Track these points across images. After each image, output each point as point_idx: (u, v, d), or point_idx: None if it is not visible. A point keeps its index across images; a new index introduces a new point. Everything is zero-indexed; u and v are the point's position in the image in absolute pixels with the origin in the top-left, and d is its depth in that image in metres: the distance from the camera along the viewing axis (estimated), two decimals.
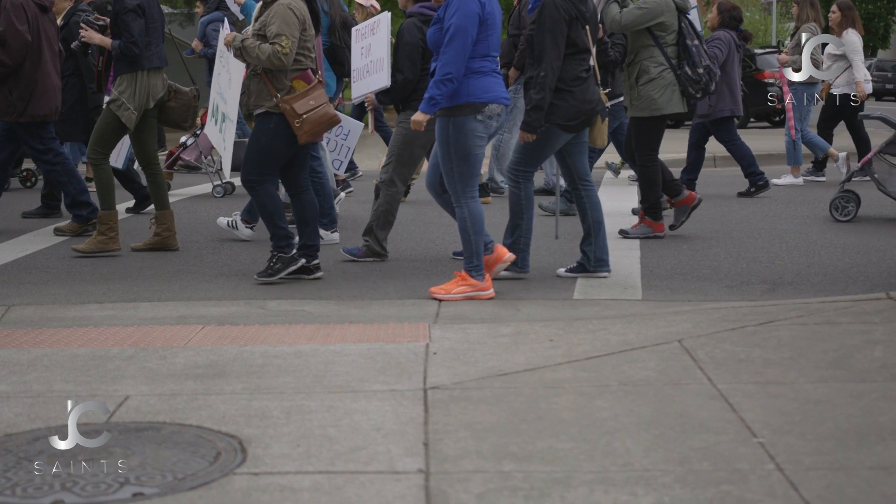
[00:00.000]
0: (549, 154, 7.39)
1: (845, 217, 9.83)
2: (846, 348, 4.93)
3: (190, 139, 12.05)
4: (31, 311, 6.48)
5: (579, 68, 7.14)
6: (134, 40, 8.15)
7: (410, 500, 3.37)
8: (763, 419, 4.03)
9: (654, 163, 8.92)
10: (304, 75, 7.12)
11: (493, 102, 6.56)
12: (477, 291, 6.67)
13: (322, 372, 4.84)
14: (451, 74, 6.40)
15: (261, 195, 7.24)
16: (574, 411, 4.19)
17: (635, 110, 8.74)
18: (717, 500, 3.30)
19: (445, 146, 6.60)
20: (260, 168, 7.19)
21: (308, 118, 7.03)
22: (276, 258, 7.25)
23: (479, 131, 6.58)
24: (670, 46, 8.64)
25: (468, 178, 6.64)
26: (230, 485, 3.50)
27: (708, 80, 8.68)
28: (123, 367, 4.96)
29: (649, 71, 8.60)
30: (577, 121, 7.14)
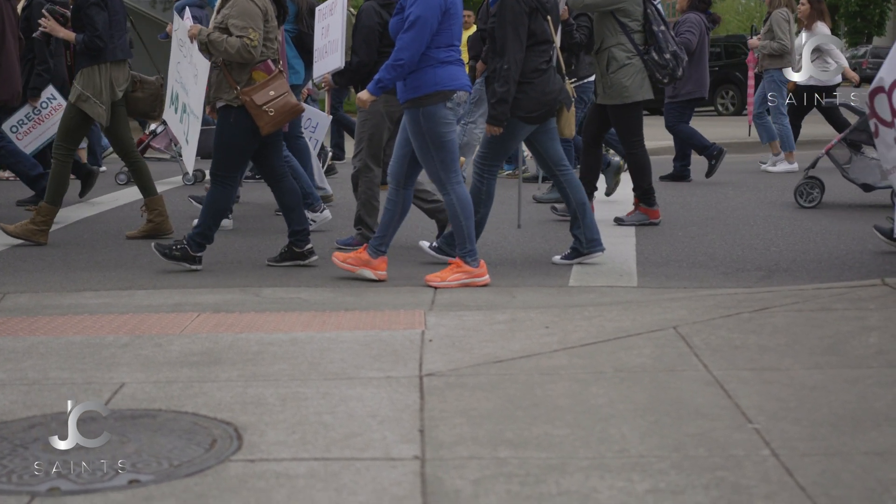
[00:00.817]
0: (514, 147, 7.39)
1: (810, 203, 9.91)
2: (841, 334, 4.93)
3: (160, 127, 12.04)
4: (26, 299, 6.47)
5: (539, 60, 7.16)
6: (98, 34, 8.10)
7: (406, 486, 3.37)
8: (758, 405, 4.03)
9: (640, 148, 8.90)
10: (264, 66, 7.07)
11: (459, 90, 6.62)
12: (472, 278, 6.68)
13: (317, 359, 4.84)
14: (403, 61, 6.42)
15: (219, 192, 7.22)
16: (569, 398, 4.19)
17: (607, 98, 8.70)
18: (712, 486, 3.31)
19: (420, 137, 6.59)
20: (226, 163, 7.18)
21: (270, 107, 6.99)
22: (182, 248, 7.25)
23: (449, 118, 6.62)
24: (637, 33, 8.64)
25: (449, 163, 6.65)
26: (226, 472, 3.50)
27: (675, 66, 8.68)
28: (119, 355, 4.96)
29: (618, 58, 8.59)
30: (539, 112, 7.15)
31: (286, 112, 7.10)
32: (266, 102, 6.98)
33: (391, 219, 6.85)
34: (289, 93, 7.13)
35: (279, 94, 7.04)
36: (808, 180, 10.04)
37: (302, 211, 7.50)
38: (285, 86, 7.12)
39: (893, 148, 7.05)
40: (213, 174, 7.30)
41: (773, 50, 12.39)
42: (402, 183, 6.83)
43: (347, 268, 6.90)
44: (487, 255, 7.31)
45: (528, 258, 7.63)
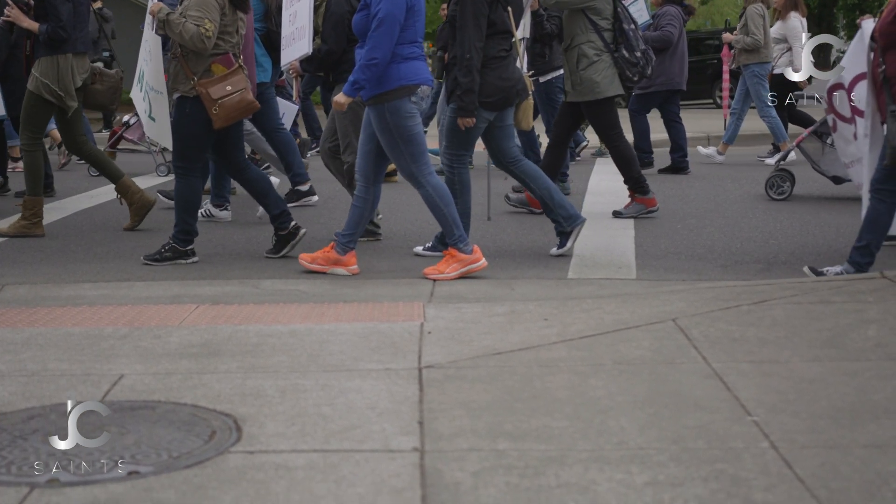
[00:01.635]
0: (476, 134, 7.36)
1: (780, 196, 9.95)
2: (840, 327, 4.93)
3: (133, 118, 12.03)
4: (24, 291, 6.47)
5: (498, 48, 7.20)
6: (62, 24, 8.04)
7: (405, 478, 3.37)
8: (757, 398, 4.04)
9: (621, 140, 8.92)
10: (224, 59, 7.04)
11: (423, 84, 6.64)
12: (469, 265, 6.69)
13: (317, 351, 4.84)
14: (376, 60, 6.42)
15: (184, 185, 7.22)
16: (569, 390, 4.19)
17: (578, 95, 8.71)
18: (711, 479, 3.31)
19: (388, 133, 6.59)
20: (185, 155, 7.18)
21: (223, 103, 6.95)
22: (170, 247, 7.24)
23: (413, 111, 6.62)
24: (607, 31, 8.67)
25: (419, 156, 6.65)
26: (225, 463, 3.50)
27: (645, 64, 8.72)
28: (118, 346, 4.96)
29: (588, 55, 8.60)
30: (496, 97, 7.17)
31: (241, 108, 7.05)
32: (222, 97, 6.95)
33: (361, 216, 6.85)
34: (246, 89, 7.06)
35: (236, 89, 7.00)
36: (778, 173, 10.10)
37: (275, 194, 7.49)
38: (243, 82, 7.06)
39: (852, 143, 7.11)
40: (174, 167, 7.31)
41: (747, 45, 12.44)
42: (372, 179, 6.83)
43: (317, 269, 6.86)
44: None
45: (526, 250, 7.64)
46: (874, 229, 6.16)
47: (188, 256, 7.24)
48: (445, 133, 7.38)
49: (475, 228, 7.63)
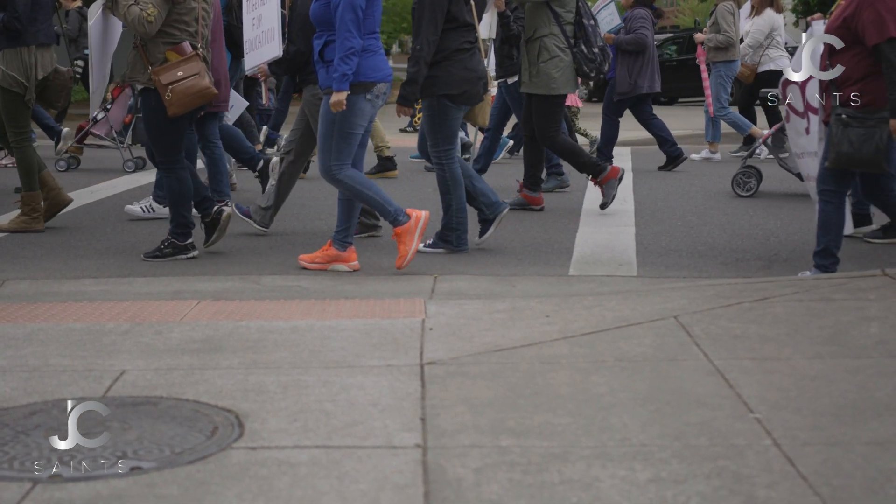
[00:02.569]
0: (455, 127, 7.38)
1: (746, 192, 9.99)
2: (841, 325, 4.93)
3: (101, 114, 12.03)
4: (25, 286, 6.47)
5: (461, 40, 7.23)
6: (17, 15, 7.95)
7: (408, 474, 3.37)
8: (759, 395, 4.04)
9: (557, 136, 8.94)
10: (179, 48, 7.00)
11: (380, 82, 6.61)
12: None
13: (318, 347, 4.84)
14: (353, 48, 6.40)
15: (172, 179, 7.21)
16: (571, 387, 4.19)
17: (533, 87, 8.76)
18: (713, 475, 3.31)
19: (329, 123, 6.58)
20: (163, 148, 7.17)
21: (174, 89, 6.89)
22: (169, 243, 7.23)
23: (367, 111, 6.60)
24: (568, 24, 8.73)
25: (344, 155, 6.64)
26: (228, 459, 3.50)
27: (602, 61, 8.79)
28: (119, 342, 4.96)
29: (550, 49, 8.66)
30: (462, 90, 7.19)
31: (192, 94, 6.94)
32: (172, 82, 6.88)
33: (349, 208, 6.86)
34: (199, 75, 6.96)
35: (188, 75, 6.92)
36: (745, 169, 10.14)
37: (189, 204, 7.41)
38: (198, 68, 6.98)
39: (803, 136, 7.16)
40: (158, 164, 7.29)
41: (720, 42, 12.46)
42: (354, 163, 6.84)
43: (317, 268, 6.86)
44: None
45: (526, 247, 7.64)
46: (828, 230, 6.18)
47: (188, 251, 7.23)
48: (427, 133, 7.41)
49: (472, 227, 7.62)
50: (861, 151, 5.89)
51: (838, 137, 5.94)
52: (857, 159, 5.94)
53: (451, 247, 7.36)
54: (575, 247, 7.65)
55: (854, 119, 5.90)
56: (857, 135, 5.88)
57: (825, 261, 6.18)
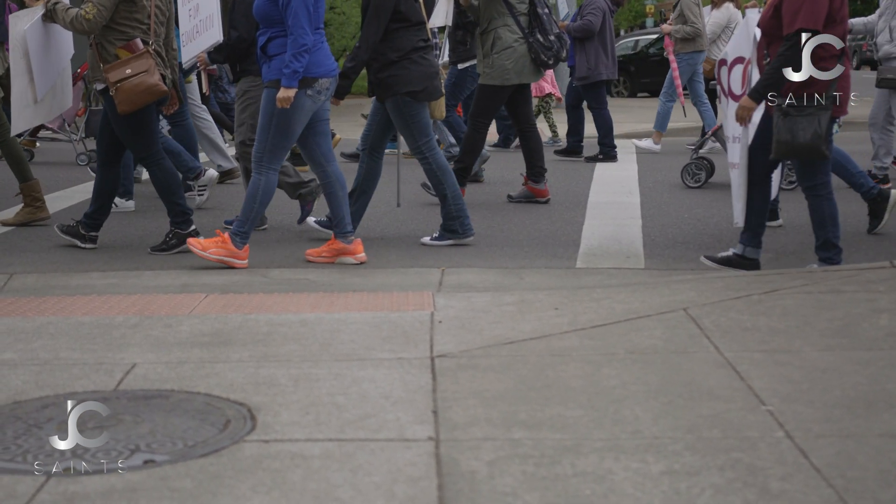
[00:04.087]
0: (426, 120, 7.39)
1: (696, 184, 10.02)
2: (851, 317, 4.93)
3: None
4: (33, 280, 6.47)
5: (416, 38, 7.27)
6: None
7: (421, 467, 3.37)
8: (771, 387, 4.03)
9: (484, 129, 9.06)
10: (129, 45, 6.99)
11: (323, 77, 6.60)
12: (231, 258, 6.69)
13: (328, 340, 4.84)
14: (306, 45, 6.41)
15: (156, 172, 7.22)
16: (582, 379, 4.19)
17: (487, 78, 8.86)
18: (727, 467, 3.31)
19: (268, 116, 6.57)
20: (138, 146, 7.18)
21: (122, 86, 6.88)
22: (173, 234, 7.24)
23: (307, 106, 6.59)
24: (522, 15, 8.80)
25: (279, 150, 6.64)
26: (241, 452, 3.51)
27: (559, 48, 8.90)
28: (129, 335, 4.96)
29: (504, 38, 8.73)
30: (424, 86, 7.24)
31: (141, 92, 6.92)
32: (120, 80, 6.88)
33: (336, 200, 6.86)
34: (148, 72, 6.93)
35: (136, 72, 6.91)
36: (695, 161, 10.15)
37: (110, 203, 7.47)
38: (147, 65, 6.95)
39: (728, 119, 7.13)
40: (140, 161, 7.28)
41: (688, 34, 12.50)
42: (324, 162, 6.87)
43: (325, 261, 6.86)
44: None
45: (532, 240, 7.64)
46: (822, 224, 6.19)
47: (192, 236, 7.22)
48: (401, 132, 7.43)
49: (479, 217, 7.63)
50: (799, 140, 5.89)
51: (778, 127, 5.96)
52: (797, 148, 5.94)
53: (458, 236, 7.37)
54: (582, 239, 7.65)
55: (793, 108, 5.91)
56: (796, 123, 5.89)
57: (828, 253, 6.18)
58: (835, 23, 5.93)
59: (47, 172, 11.17)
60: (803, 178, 6.23)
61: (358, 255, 6.86)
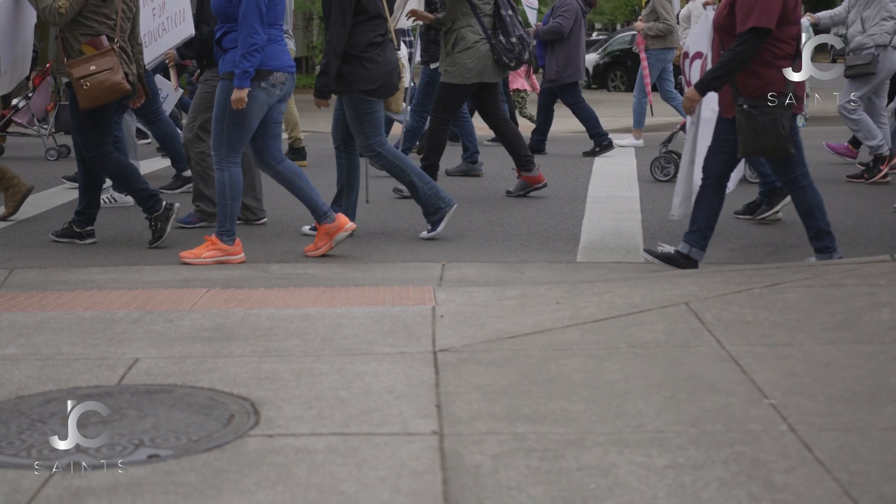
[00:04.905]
0: (379, 118, 7.40)
1: (664, 177, 10.05)
2: (853, 310, 4.94)
3: (22, 101, 12.01)
4: (33, 275, 6.47)
5: (373, 34, 7.25)
6: None
7: (426, 461, 3.38)
8: (773, 381, 4.04)
9: (446, 126, 9.13)
10: (95, 41, 7.00)
11: (278, 71, 6.61)
12: (226, 256, 6.71)
13: (330, 335, 4.84)
14: (256, 45, 6.42)
15: (110, 165, 7.23)
16: (584, 373, 4.20)
17: (448, 76, 8.93)
18: (731, 461, 3.32)
19: (222, 108, 6.59)
20: (92, 140, 7.17)
21: (85, 83, 6.89)
22: (153, 219, 7.24)
23: (261, 99, 6.59)
24: (486, 16, 8.85)
25: (236, 143, 6.65)
26: (245, 447, 3.51)
27: (521, 50, 8.92)
28: (130, 330, 4.96)
29: (466, 38, 8.79)
30: (380, 84, 7.25)
31: (104, 89, 6.94)
32: (83, 76, 6.89)
33: (302, 190, 6.85)
34: (112, 70, 6.95)
35: (100, 69, 6.92)
36: (664, 155, 10.18)
37: (98, 196, 7.48)
38: (111, 63, 6.97)
39: None
40: (89, 159, 7.24)
41: (660, 30, 12.56)
42: (278, 158, 6.87)
43: (325, 250, 6.85)
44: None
45: (532, 235, 7.64)
46: (810, 215, 6.22)
47: (171, 212, 7.24)
48: (353, 129, 7.40)
49: (467, 212, 7.62)
50: (763, 138, 5.91)
51: (742, 128, 5.97)
52: (762, 146, 5.96)
53: (444, 211, 7.36)
54: (582, 233, 7.65)
55: (754, 108, 5.92)
56: (759, 123, 5.91)
57: (822, 242, 6.20)
58: (789, 23, 5.94)
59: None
60: (781, 174, 6.26)
61: (346, 225, 6.87)
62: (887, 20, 9.52)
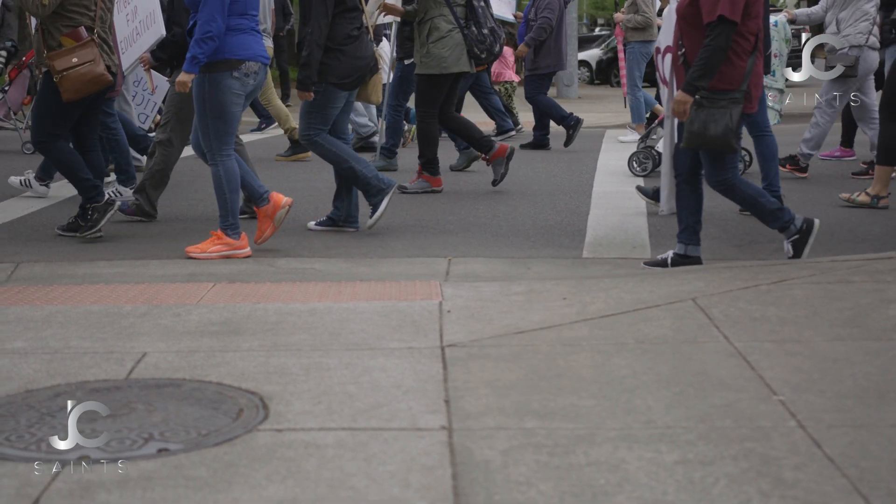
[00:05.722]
0: (333, 113, 7.44)
1: (643, 172, 10.06)
2: (860, 307, 4.93)
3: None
4: (40, 268, 6.47)
5: (350, 27, 7.27)
6: None
7: (435, 456, 3.38)
8: (782, 377, 4.04)
9: (433, 119, 9.14)
10: (74, 33, 7.02)
11: (249, 60, 6.61)
12: (233, 250, 6.73)
13: (337, 329, 4.84)
14: (211, 32, 6.42)
15: (54, 153, 7.25)
16: (593, 369, 4.20)
17: (424, 67, 8.95)
18: (741, 457, 3.32)
19: (201, 102, 6.61)
20: (46, 128, 7.19)
21: (68, 75, 6.91)
22: (91, 209, 7.25)
23: (236, 88, 6.60)
24: (459, 6, 8.90)
25: (223, 135, 6.66)
26: (254, 441, 3.51)
27: (493, 41, 9.01)
28: (138, 324, 4.96)
29: (440, 28, 8.83)
30: (352, 78, 7.28)
31: (87, 81, 6.98)
32: (66, 69, 6.91)
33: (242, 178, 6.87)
34: (94, 62, 6.98)
35: (82, 61, 6.95)
36: (643, 150, 10.18)
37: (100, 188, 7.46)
38: (93, 54, 7.00)
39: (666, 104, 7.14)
40: (36, 143, 7.32)
41: (638, 23, 12.60)
42: None
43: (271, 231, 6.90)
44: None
45: (539, 230, 7.64)
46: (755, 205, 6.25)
47: (110, 207, 7.27)
48: (302, 115, 7.43)
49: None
50: (710, 131, 5.91)
51: (691, 118, 5.97)
52: (707, 139, 5.95)
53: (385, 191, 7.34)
54: (587, 229, 7.65)
55: (705, 99, 5.92)
56: (708, 115, 5.90)
57: (778, 221, 6.23)
58: (749, 17, 5.93)
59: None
60: (712, 175, 6.18)
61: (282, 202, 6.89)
62: (862, 21, 9.53)
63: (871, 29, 9.48)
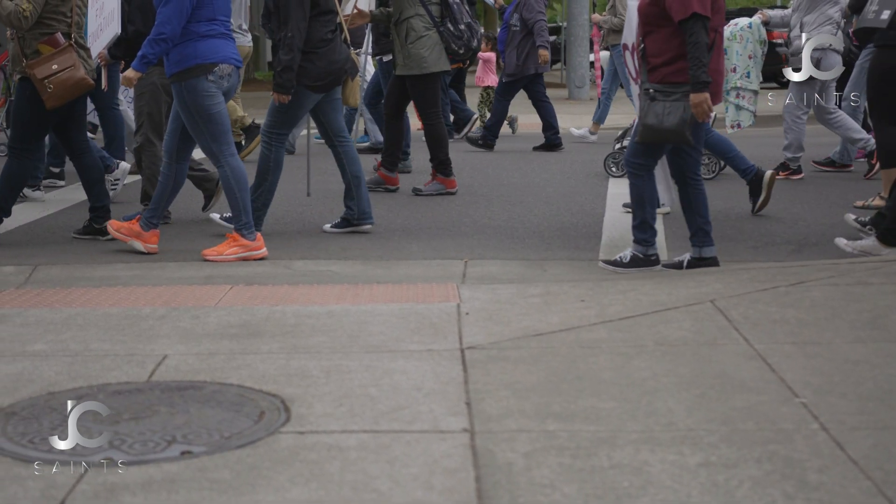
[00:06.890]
0: (301, 115, 7.44)
1: (619, 172, 9.99)
2: (880, 309, 4.92)
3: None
4: (57, 271, 6.49)
5: (324, 30, 7.26)
6: None
7: (458, 459, 3.38)
8: (803, 379, 4.03)
9: (437, 119, 9.15)
10: (51, 39, 7.02)
11: (222, 63, 6.62)
12: (248, 252, 6.71)
13: (356, 331, 4.85)
14: (164, 35, 6.44)
15: (15, 166, 7.26)
16: (613, 371, 4.20)
17: (406, 69, 8.93)
18: (764, 460, 3.31)
19: (187, 111, 6.62)
20: (23, 136, 7.21)
21: (51, 82, 6.92)
22: None
23: (212, 91, 6.61)
24: (433, 5, 8.91)
25: (219, 136, 6.66)
26: (277, 443, 3.52)
27: (469, 37, 9.00)
28: (157, 327, 4.97)
29: (417, 28, 8.83)
30: (325, 81, 7.27)
31: (69, 87, 7.01)
32: (47, 76, 6.93)
33: (163, 192, 6.90)
34: (74, 67, 7.01)
35: (63, 67, 6.96)
36: (619, 151, 10.12)
37: (103, 187, 7.54)
38: (72, 60, 7.02)
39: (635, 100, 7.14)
40: (10, 148, 7.32)
41: (615, 25, 12.63)
42: (175, 157, 6.85)
43: (119, 237, 6.95)
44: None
45: (554, 231, 7.63)
46: (641, 204, 6.23)
47: None
48: (269, 110, 7.41)
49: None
50: (665, 124, 5.92)
51: (645, 110, 5.98)
52: (662, 132, 5.96)
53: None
54: (603, 231, 7.64)
55: (659, 93, 5.94)
56: (663, 108, 5.92)
57: (644, 234, 6.24)
58: (713, 11, 5.94)
59: None
60: (631, 154, 6.24)
61: (150, 245, 6.90)
62: (826, 24, 9.52)
63: (835, 32, 9.51)
